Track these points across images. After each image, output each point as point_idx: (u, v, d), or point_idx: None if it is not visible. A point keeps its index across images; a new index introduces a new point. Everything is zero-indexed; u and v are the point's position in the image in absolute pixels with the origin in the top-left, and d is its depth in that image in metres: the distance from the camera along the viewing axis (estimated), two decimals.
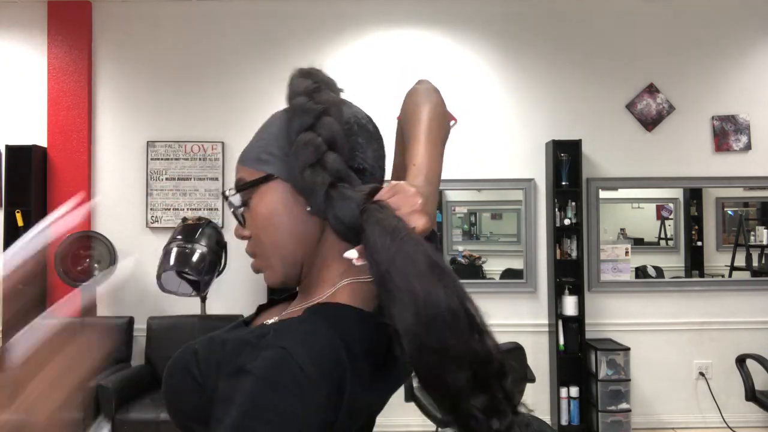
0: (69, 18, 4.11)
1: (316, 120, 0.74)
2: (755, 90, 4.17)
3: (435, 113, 0.84)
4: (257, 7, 4.18)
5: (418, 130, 0.81)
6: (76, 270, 3.83)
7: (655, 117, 4.15)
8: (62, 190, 4.04)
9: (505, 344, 3.02)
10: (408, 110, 0.86)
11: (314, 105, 0.75)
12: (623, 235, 4.47)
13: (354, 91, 0.93)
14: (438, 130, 0.83)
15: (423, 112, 0.83)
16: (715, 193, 4.42)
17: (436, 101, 0.87)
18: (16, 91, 4.14)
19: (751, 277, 4.33)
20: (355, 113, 0.81)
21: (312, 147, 0.72)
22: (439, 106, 0.86)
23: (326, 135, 0.74)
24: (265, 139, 0.79)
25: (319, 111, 0.75)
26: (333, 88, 0.81)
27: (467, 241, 4.57)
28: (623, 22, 4.19)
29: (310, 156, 0.72)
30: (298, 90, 0.78)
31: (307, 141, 0.73)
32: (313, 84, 0.79)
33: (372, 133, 0.81)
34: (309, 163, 0.72)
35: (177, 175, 4.13)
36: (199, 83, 4.13)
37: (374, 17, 4.20)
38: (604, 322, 4.07)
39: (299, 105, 0.76)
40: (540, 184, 4.15)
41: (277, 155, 0.77)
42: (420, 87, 0.90)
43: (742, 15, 4.19)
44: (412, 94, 0.89)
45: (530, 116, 4.17)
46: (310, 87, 0.78)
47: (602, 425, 3.74)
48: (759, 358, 3.44)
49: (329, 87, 0.80)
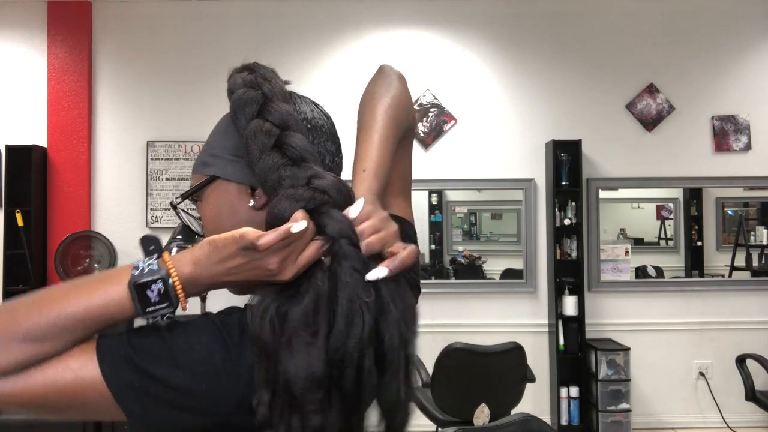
0: (69, 18, 4.11)
1: (261, 107, 0.71)
2: (755, 90, 4.17)
3: (392, 105, 0.79)
4: (257, 7, 4.18)
5: (371, 127, 0.77)
6: (76, 270, 3.83)
7: (655, 117, 4.15)
8: (62, 190, 4.04)
9: (505, 344, 3.02)
10: (364, 101, 0.82)
11: (254, 93, 0.72)
12: (623, 235, 4.47)
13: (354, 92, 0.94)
14: (393, 125, 0.78)
15: (378, 105, 0.79)
16: (715, 193, 4.42)
17: (396, 92, 0.82)
18: (16, 91, 4.13)
19: (751, 277, 4.32)
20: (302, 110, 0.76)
21: (262, 133, 0.68)
22: (397, 98, 0.81)
23: (275, 119, 0.69)
24: (209, 143, 0.77)
25: (260, 97, 0.71)
26: (274, 78, 0.76)
27: (467, 241, 4.57)
28: (623, 22, 4.19)
29: (264, 142, 0.68)
30: (236, 85, 0.74)
31: (256, 129, 0.69)
32: (249, 74, 0.75)
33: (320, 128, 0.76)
34: (265, 149, 0.67)
35: (177, 175, 4.13)
36: (199, 83, 4.13)
37: (374, 17, 4.20)
38: (604, 322, 4.07)
39: (239, 97, 0.72)
40: (540, 184, 4.15)
41: (220, 156, 0.74)
42: (379, 76, 0.85)
43: (742, 15, 4.19)
44: (370, 84, 0.84)
45: (530, 116, 4.17)
46: (247, 78, 0.74)
47: (602, 425, 3.74)
48: (759, 358, 3.44)
49: (270, 77, 0.76)
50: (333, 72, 4.14)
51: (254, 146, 0.68)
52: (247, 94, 0.72)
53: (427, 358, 3.15)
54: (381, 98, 0.80)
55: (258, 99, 0.71)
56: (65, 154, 4.07)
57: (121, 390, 0.60)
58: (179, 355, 0.61)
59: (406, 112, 0.82)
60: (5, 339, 0.58)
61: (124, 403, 0.60)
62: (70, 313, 0.59)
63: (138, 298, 0.60)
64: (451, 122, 4.16)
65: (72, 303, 0.60)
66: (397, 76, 0.85)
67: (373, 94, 0.81)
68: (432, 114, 4.16)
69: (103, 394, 0.60)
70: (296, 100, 0.77)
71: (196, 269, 0.62)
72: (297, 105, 0.76)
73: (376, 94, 0.81)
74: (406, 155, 0.89)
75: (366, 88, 0.84)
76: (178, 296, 0.61)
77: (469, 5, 4.20)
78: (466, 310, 4.10)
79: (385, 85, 0.82)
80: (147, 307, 0.60)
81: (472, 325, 4.03)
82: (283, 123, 0.69)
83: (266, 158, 0.67)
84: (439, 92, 4.17)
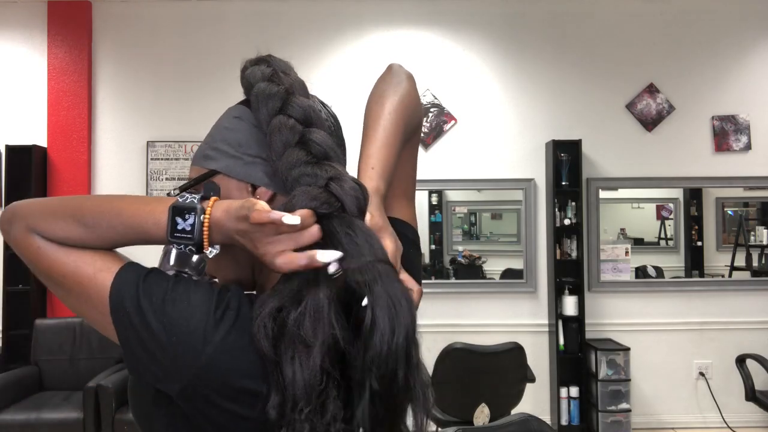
0: (69, 18, 4.11)
1: (284, 102, 0.70)
2: (755, 90, 4.17)
3: (400, 105, 0.78)
4: (257, 7, 4.18)
5: (379, 126, 0.76)
6: None
7: (655, 117, 4.15)
8: (62, 190, 4.04)
9: (505, 344, 3.02)
10: (372, 99, 0.81)
11: (276, 87, 0.71)
12: (623, 235, 4.47)
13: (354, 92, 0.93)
14: (400, 125, 0.77)
15: (386, 104, 0.78)
16: (715, 193, 4.42)
17: (404, 91, 0.81)
18: (16, 91, 4.14)
19: (751, 277, 4.32)
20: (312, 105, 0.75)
21: (286, 129, 0.68)
22: (406, 98, 0.80)
23: (298, 114, 0.69)
24: (212, 135, 0.77)
25: (282, 92, 0.70)
26: (291, 72, 0.76)
27: (467, 241, 4.57)
28: (623, 22, 4.19)
29: (288, 137, 0.67)
30: (255, 78, 0.73)
31: (280, 125, 0.68)
32: (267, 68, 0.74)
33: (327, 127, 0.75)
34: (289, 145, 0.67)
35: (177, 175, 4.13)
36: (199, 83, 4.13)
37: (374, 17, 4.20)
38: (604, 322, 4.07)
39: (261, 91, 0.71)
40: (540, 184, 4.15)
41: (223, 150, 0.74)
42: (388, 74, 0.84)
43: (742, 15, 4.19)
44: (379, 82, 0.83)
45: (530, 116, 4.17)
46: (266, 72, 0.73)
47: (602, 425, 3.74)
48: (759, 358, 3.44)
49: (287, 70, 0.75)
50: (333, 72, 4.14)
51: (278, 142, 0.68)
52: (270, 89, 0.71)
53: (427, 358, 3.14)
54: (389, 97, 0.79)
55: (281, 94, 0.71)
56: (65, 154, 4.07)
57: (117, 310, 0.64)
58: (168, 303, 0.64)
59: (413, 112, 0.81)
60: (70, 216, 0.67)
61: (115, 321, 0.64)
62: (122, 213, 0.67)
63: (171, 221, 0.65)
64: (451, 122, 4.17)
65: (126, 206, 0.67)
66: (407, 76, 0.84)
67: (382, 93, 0.80)
68: (432, 114, 4.16)
69: (104, 302, 0.65)
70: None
71: (223, 216, 0.65)
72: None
73: (384, 92, 0.80)
74: (411, 157, 0.88)
75: (374, 86, 0.83)
76: (202, 233, 0.65)
77: (469, 5, 4.20)
78: (466, 310, 4.10)
79: (394, 84, 0.81)
80: (174, 232, 0.65)
81: (472, 325, 4.03)
82: (306, 119, 0.69)
83: (290, 154, 0.67)
84: (439, 92, 4.17)
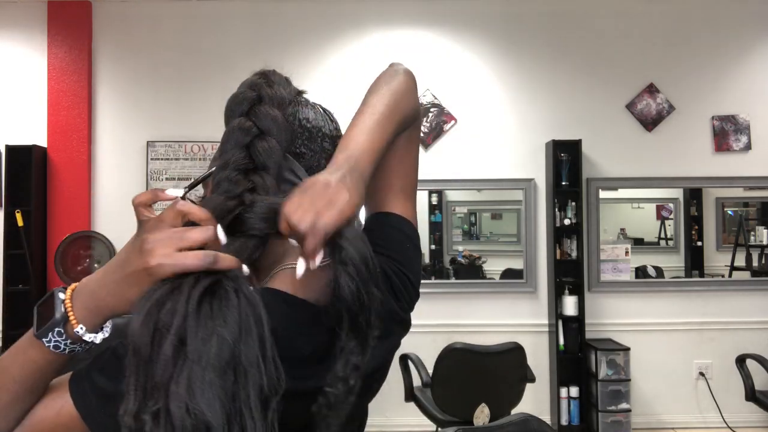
0: (69, 18, 4.11)
1: (251, 107, 0.74)
2: (755, 90, 4.17)
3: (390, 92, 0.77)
4: (257, 7, 4.18)
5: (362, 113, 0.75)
6: (76, 270, 3.83)
7: (655, 117, 4.15)
8: (62, 190, 4.04)
9: (505, 344, 3.02)
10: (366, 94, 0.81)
11: (251, 93, 0.75)
12: (623, 235, 4.47)
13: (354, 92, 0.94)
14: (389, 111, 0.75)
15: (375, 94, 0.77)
16: (715, 193, 4.42)
17: (396, 82, 0.80)
18: (16, 91, 4.13)
19: (751, 277, 4.32)
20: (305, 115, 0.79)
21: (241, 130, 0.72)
22: (396, 86, 0.79)
23: (260, 121, 0.73)
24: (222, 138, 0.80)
25: (253, 98, 0.75)
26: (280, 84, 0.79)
27: (467, 241, 4.57)
28: (623, 22, 4.19)
29: (239, 138, 0.72)
30: (242, 84, 0.78)
31: (238, 125, 0.72)
32: (258, 78, 0.79)
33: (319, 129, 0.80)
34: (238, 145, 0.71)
35: (177, 175, 4.13)
36: (199, 83, 4.13)
37: (374, 17, 4.20)
38: (604, 322, 4.07)
39: (235, 95, 0.76)
40: (540, 184, 4.15)
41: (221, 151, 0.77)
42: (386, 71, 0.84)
43: (742, 15, 4.19)
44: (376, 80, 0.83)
45: (530, 116, 4.17)
46: (253, 80, 0.78)
47: (602, 425, 3.74)
48: (759, 358, 3.44)
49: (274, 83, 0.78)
50: (333, 72, 4.14)
51: (230, 141, 0.72)
52: (243, 94, 0.76)
53: (427, 358, 3.15)
54: (381, 88, 0.78)
55: (251, 99, 0.75)
56: (65, 154, 4.07)
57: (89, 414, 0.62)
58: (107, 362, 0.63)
59: (407, 99, 0.79)
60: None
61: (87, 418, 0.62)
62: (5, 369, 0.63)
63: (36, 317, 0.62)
64: (451, 122, 4.17)
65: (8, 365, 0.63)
66: (404, 71, 0.83)
67: (374, 86, 0.80)
68: (432, 114, 4.16)
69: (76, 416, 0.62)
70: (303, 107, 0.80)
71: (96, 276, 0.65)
72: (300, 110, 0.79)
73: (376, 85, 0.80)
74: (409, 152, 0.85)
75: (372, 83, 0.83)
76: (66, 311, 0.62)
77: (469, 5, 4.20)
78: (466, 310, 4.10)
79: (388, 77, 0.81)
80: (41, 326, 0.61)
81: (472, 325, 4.03)
82: (266, 128, 0.72)
83: (231, 153, 0.71)
84: (439, 92, 4.17)
